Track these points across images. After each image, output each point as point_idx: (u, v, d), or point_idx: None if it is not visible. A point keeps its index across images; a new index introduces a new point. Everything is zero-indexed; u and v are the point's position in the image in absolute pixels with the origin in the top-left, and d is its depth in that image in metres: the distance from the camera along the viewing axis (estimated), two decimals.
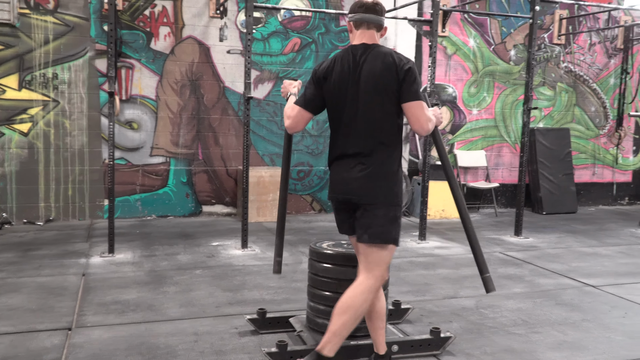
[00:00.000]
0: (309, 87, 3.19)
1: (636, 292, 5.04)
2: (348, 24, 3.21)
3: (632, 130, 10.27)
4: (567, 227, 8.15)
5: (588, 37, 9.75)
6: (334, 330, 3.06)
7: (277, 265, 3.69)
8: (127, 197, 7.70)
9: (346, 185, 3.14)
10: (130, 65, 7.63)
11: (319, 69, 3.18)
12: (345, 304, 3.06)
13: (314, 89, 3.17)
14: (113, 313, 4.15)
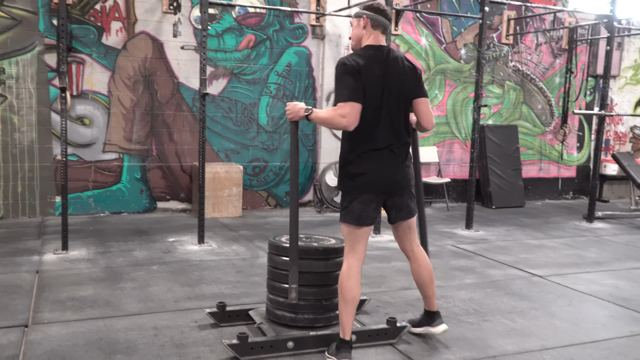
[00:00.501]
0: (350, 80, 3.24)
1: (580, 282, 5.28)
2: (363, 19, 3.43)
3: (576, 127, 10.66)
4: (515, 220, 8.42)
5: (535, 37, 10.08)
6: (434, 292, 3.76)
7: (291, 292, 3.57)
8: (79, 193, 7.58)
9: (393, 175, 3.46)
10: (81, 60, 7.51)
11: (354, 64, 3.27)
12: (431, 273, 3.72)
13: (355, 81, 3.25)
14: (70, 310, 4.12)
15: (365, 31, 3.44)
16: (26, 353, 3.37)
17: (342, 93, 3.24)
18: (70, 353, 3.39)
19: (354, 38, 3.51)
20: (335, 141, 8.67)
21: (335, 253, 3.74)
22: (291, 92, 8.54)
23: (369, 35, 3.43)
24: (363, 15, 3.44)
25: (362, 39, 3.45)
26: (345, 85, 3.24)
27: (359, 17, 3.48)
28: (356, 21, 3.49)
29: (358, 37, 3.48)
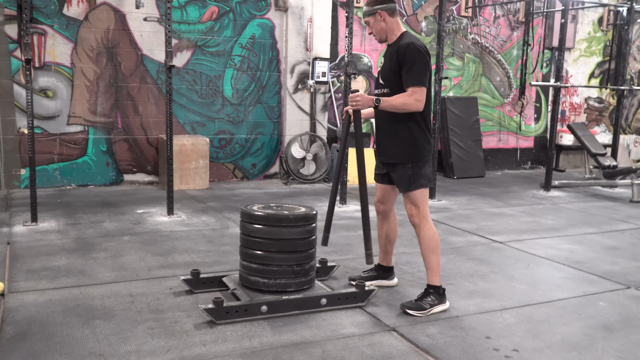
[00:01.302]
0: (424, 66, 3.63)
1: (537, 247, 5.55)
2: (379, 14, 3.73)
3: (534, 99, 10.97)
4: (476, 190, 8.69)
5: (493, 10, 10.28)
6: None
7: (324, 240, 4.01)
8: (45, 166, 7.54)
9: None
10: (43, 31, 7.41)
11: (426, 51, 3.69)
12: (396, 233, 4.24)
13: (426, 67, 3.66)
14: (44, 279, 4.18)
15: (386, 23, 3.78)
16: (5, 320, 3.44)
17: (418, 78, 3.62)
18: (48, 319, 3.47)
19: (378, 32, 3.82)
20: (300, 113, 8.77)
21: (305, 220, 3.87)
22: (255, 64, 8.58)
23: (393, 24, 3.81)
24: (377, 10, 3.76)
25: (388, 30, 3.81)
26: (421, 70, 3.62)
27: (373, 13, 3.78)
28: (372, 18, 3.79)
29: (382, 30, 3.81)
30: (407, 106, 3.65)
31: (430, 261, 3.87)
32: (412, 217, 3.88)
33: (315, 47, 8.75)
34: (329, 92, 8.96)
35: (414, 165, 3.81)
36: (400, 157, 3.84)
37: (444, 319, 3.74)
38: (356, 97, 3.68)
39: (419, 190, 3.82)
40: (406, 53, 3.62)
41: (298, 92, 8.77)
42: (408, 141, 3.80)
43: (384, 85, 3.85)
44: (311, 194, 7.87)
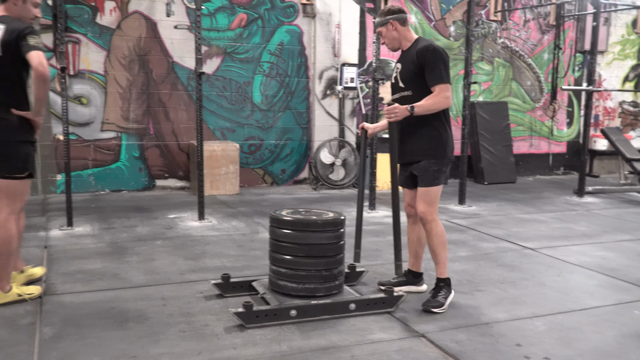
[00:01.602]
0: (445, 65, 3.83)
1: (569, 254, 5.47)
2: (391, 24, 3.92)
3: (566, 103, 10.83)
4: (507, 195, 8.61)
5: (523, 13, 10.19)
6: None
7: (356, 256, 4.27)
8: (79, 172, 7.70)
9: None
10: (77, 40, 7.58)
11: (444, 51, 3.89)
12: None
13: (447, 65, 3.87)
14: (80, 282, 4.27)
15: (397, 32, 3.96)
16: (43, 321, 3.54)
17: (443, 76, 3.80)
18: (84, 321, 3.55)
19: (391, 41, 4.01)
20: (328, 119, 8.81)
21: (333, 226, 3.89)
22: (284, 70, 8.64)
23: (405, 32, 3.99)
24: (389, 20, 3.96)
25: (401, 38, 3.99)
26: (444, 69, 3.80)
27: (385, 23, 3.98)
28: (384, 28, 3.99)
29: (394, 38, 4.00)
30: (439, 104, 3.83)
31: (441, 256, 4.03)
32: (424, 214, 3.98)
33: (343, 52, 8.78)
34: (357, 98, 8.99)
35: (438, 161, 3.95)
36: (426, 153, 3.94)
37: (473, 325, 3.72)
38: (394, 109, 3.84)
39: (438, 187, 3.98)
40: (426, 55, 3.81)
41: (326, 98, 8.81)
42: (433, 138, 3.94)
43: (405, 88, 3.98)
44: (340, 199, 7.88)
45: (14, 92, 3.72)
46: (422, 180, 3.97)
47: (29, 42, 3.60)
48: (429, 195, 3.96)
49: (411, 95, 3.93)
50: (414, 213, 4.21)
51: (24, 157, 3.77)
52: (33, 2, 3.84)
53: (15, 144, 3.73)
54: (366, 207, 7.26)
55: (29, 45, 3.59)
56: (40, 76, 3.57)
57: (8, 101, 3.70)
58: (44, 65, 3.57)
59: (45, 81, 3.61)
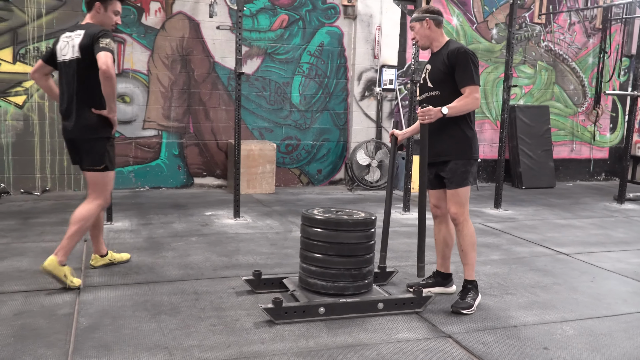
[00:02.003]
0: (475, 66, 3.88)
1: (605, 260, 5.40)
2: (427, 22, 3.99)
3: (610, 108, 10.63)
4: (545, 200, 8.51)
5: (568, 16, 10.04)
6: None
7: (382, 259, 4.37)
8: (120, 168, 7.92)
9: None
10: (122, 40, 7.80)
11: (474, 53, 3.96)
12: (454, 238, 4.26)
13: (477, 67, 3.92)
14: (117, 275, 4.42)
15: (431, 31, 4.01)
16: (80, 311, 3.68)
17: (473, 77, 3.86)
18: (119, 312, 3.68)
19: (422, 38, 4.05)
20: (365, 120, 8.85)
21: (364, 225, 3.93)
22: (323, 71, 8.72)
23: (438, 33, 4.04)
24: (426, 17, 4.00)
25: (432, 37, 4.04)
26: (474, 71, 3.86)
27: (421, 20, 4.02)
28: (419, 24, 4.03)
29: (426, 36, 4.04)
30: (469, 105, 3.88)
31: (470, 257, 4.05)
32: (456, 215, 4.00)
33: (383, 54, 8.81)
34: (395, 100, 9.00)
35: (466, 162, 3.99)
36: (454, 153, 3.99)
37: (501, 327, 3.72)
38: (429, 111, 3.85)
39: (467, 187, 4.02)
40: (458, 56, 3.87)
41: (364, 99, 8.85)
42: (460, 138, 3.99)
43: (433, 88, 4.03)
44: (375, 200, 7.92)
45: (93, 92, 4.07)
46: (451, 182, 3.99)
47: (100, 44, 3.95)
48: (459, 196, 3.99)
49: (439, 96, 3.98)
50: (440, 214, 4.24)
51: (101, 151, 4.20)
52: (114, 10, 4.27)
53: (93, 141, 4.17)
54: (400, 208, 7.28)
55: (99, 46, 3.94)
56: (104, 74, 3.91)
57: (88, 101, 4.10)
58: (107, 65, 3.89)
59: (109, 79, 3.93)
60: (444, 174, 4.03)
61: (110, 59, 3.95)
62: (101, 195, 4.27)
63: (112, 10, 4.24)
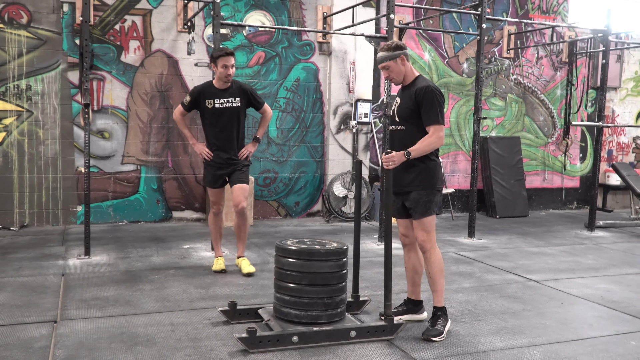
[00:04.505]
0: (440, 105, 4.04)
1: (573, 286, 5.56)
2: (401, 59, 4.10)
3: (579, 138, 10.93)
4: (518, 229, 8.70)
5: (535, 51, 10.39)
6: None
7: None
8: (99, 203, 7.98)
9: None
10: (102, 77, 7.93)
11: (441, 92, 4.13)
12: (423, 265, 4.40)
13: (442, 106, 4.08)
14: (94, 308, 4.48)
15: (405, 67, 4.14)
16: (56, 344, 3.74)
17: (438, 117, 4.01)
18: (95, 344, 3.75)
19: (398, 74, 4.16)
20: (342, 153, 9.02)
21: (336, 255, 4.06)
22: (300, 106, 8.91)
23: (409, 67, 4.17)
24: (400, 55, 4.10)
25: (406, 73, 4.17)
26: (439, 110, 4.02)
27: (395, 58, 4.10)
28: (393, 62, 4.11)
29: (401, 72, 4.16)
30: (432, 145, 4.04)
31: (439, 283, 4.19)
32: (423, 243, 4.15)
33: (358, 88, 9.04)
34: (371, 133, 9.20)
35: (428, 192, 4.12)
36: (415, 184, 4.12)
37: (470, 353, 3.84)
38: (392, 157, 4.00)
39: (432, 216, 4.15)
40: (425, 96, 4.02)
41: (340, 133, 9.04)
42: (422, 169, 4.12)
43: (399, 122, 4.20)
44: (351, 231, 7.99)
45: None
46: (415, 212, 4.14)
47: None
48: (424, 225, 4.14)
49: (404, 130, 4.16)
50: (408, 242, 4.37)
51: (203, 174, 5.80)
52: (222, 65, 5.33)
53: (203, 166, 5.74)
54: (376, 239, 7.42)
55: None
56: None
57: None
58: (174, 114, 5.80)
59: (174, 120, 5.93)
60: (408, 204, 4.18)
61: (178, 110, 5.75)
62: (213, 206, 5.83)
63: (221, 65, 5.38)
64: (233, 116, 5.50)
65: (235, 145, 5.56)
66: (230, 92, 5.49)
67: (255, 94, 5.68)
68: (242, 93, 5.52)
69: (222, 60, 5.33)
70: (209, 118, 5.54)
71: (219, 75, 5.39)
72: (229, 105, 5.47)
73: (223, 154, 5.53)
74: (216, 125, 5.51)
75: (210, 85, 5.54)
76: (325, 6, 8.86)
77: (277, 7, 8.67)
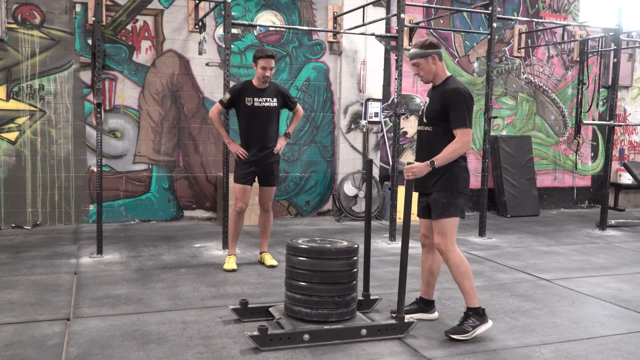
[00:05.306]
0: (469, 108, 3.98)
1: (584, 285, 5.54)
2: (432, 58, 4.05)
3: (590, 137, 10.88)
4: (529, 228, 8.67)
5: (546, 50, 10.35)
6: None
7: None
8: (111, 202, 8.04)
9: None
10: (114, 77, 7.98)
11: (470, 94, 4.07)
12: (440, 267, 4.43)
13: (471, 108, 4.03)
14: (106, 306, 4.52)
15: (436, 66, 4.08)
16: (69, 342, 3.78)
17: (465, 120, 3.94)
18: (108, 342, 3.78)
19: (427, 73, 4.11)
20: (352, 152, 9.03)
21: (346, 254, 4.08)
22: (310, 105, 8.92)
23: (440, 67, 4.11)
24: (432, 54, 4.05)
25: (437, 72, 4.11)
26: (467, 113, 3.95)
27: (426, 56, 4.05)
28: (424, 60, 4.06)
29: (431, 72, 4.10)
30: (458, 152, 3.98)
31: (463, 286, 4.11)
32: (439, 245, 4.12)
33: (368, 88, 9.04)
34: (381, 132, 9.21)
35: (448, 194, 4.06)
36: (437, 186, 4.07)
37: (482, 351, 3.84)
38: (412, 168, 3.96)
39: (450, 219, 4.08)
40: (453, 97, 3.96)
41: (351, 132, 9.05)
42: (445, 171, 4.05)
43: (427, 123, 4.15)
44: (362, 230, 8.03)
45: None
46: (434, 212, 4.13)
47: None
48: (440, 227, 4.09)
49: (430, 132, 4.11)
50: (428, 243, 4.36)
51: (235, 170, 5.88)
52: (261, 66, 5.55)
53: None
54: (387, 238, 7.42)
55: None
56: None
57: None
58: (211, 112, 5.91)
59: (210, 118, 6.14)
60: (430, 203, 4.16)
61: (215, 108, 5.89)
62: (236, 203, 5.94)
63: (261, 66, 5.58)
64: (269, 115, 5.76)
65: (269, 144, 5.79)
66: (269, 92, 5.75)
67: (290, 96, 6.03)
68: (278, 94, 5.82)
69: (262, 61, 5.55)
70: (247, 115, 5.74)
71: (258, 75, 5.63)
72: (267, 104, 5.73)
73: (258, 152, 5.75)
74: (253, 122, 5.72)
75: (250, 84, 5.76)
76: (336, 6, 8.87)
77: (288, 7, 8.69)
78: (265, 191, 5.92)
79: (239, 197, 5.80)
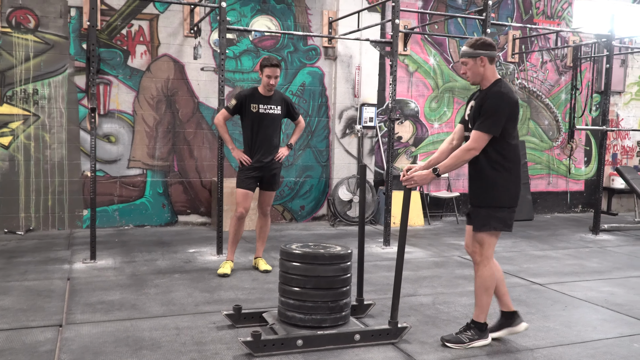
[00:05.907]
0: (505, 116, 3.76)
1: (577, 289, 5.56)
2: (481, 59, 3.81)
3: (583, 142, 10.93)
4: (523, 233, 8.69)
5: (540, 55, 10.40)
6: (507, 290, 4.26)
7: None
8: (105, 207, 8.03)
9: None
10: (108, 81, 7.98)
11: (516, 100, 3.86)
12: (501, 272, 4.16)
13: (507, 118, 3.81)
14: (99, 312, 4.51)
15: (485, 69, 3.82)
16: (62, 348, 3.77)
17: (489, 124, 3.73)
18: (101, 349, 3.77)
19: (474, 75, 3.86)
20: (347, 157, 9.05)
21: (340, 259, 4.08)
22: (305, 110, 8.94)
23: (490, 70, 3.86)
24: (480, 55, 3.80)
25: (485, 75, 3.86)
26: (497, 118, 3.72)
27: (475, 56, 3.82)
28: (472, 60, 3.82)
29: (478, 74, 3.85)
30: (461, 159, 3.83)
31: (481, 299, 4.01)
32: (474, 254, 4.01)
33: (363, 93, 9.06)
34: (376, 137, 9.22)
35: (488, 207, 3.90)
36: (477, 198, 3.96)
37: (474, 356, 3.85)
38: (412, 177, 3.84)
39: (487, 233, 3.92)
40: (491, 100, 3.76)
41: (346, 137, 9.06)
42: (486, 184, 3.89)
43: (470, 129, 3.91)
44: (357, 235, 8.01)
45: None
46: (474, 223, 3.97)
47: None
48: (479, 238, 3.95)
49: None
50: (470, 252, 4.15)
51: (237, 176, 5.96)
52: (266, 74, 5.64)
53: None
54: (381, 242, 7.43)
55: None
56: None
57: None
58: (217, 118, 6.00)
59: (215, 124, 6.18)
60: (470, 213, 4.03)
61: (220, 114, 5.97)
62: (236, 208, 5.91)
63: (265, 75, 5.65)
64: (273, 122, 5.85)
65: (272, 150, 5.90)
66: (274, 100, 5.84)
67: (294, 106, 6.08)
68: (283, 102, 5.91)
69: (267, 70, 5.64)
70: (252, 122, 5.80)
71: (263, 83, 5.72)
72: (272, 112, 5.82)
73: (261, 157, 5.85)
74: (258, 129, 5.81)
75: (256, 91, 5.82)
76: (331, 11, 8.90)
77: (283, 12, 8.71)
78: (266, 195, 6.01)
79: (240, 202, 5.81)
